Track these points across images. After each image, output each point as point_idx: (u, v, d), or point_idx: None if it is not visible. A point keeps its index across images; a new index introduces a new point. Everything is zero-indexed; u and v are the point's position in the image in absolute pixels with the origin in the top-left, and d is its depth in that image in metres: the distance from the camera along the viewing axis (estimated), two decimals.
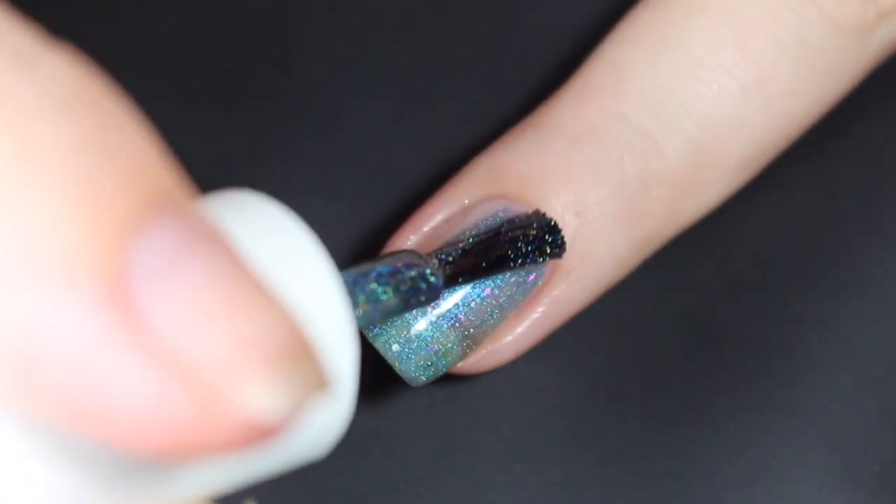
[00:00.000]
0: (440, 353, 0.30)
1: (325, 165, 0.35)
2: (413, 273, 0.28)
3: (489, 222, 0.31)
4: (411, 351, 0.30)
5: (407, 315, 0.30)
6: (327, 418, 0.21)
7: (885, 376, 0.33)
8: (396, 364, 0.30)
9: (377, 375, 0.33)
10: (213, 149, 0.35)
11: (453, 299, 0.30)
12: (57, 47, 0.19)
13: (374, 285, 0.27)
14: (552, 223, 0.30)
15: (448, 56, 0.36)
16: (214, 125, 0.35)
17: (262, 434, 0.18)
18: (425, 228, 0.31)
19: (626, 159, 0.31)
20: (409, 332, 0.30)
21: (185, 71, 0.35)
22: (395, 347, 0.30)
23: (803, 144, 0.34)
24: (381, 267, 0.27)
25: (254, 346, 0.18)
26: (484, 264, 0.30)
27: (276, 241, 0.23)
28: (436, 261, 0.29)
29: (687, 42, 0.31)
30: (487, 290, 0.30)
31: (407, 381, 0.30)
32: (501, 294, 0.30)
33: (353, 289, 0.26)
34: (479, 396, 0.33)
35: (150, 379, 0.18)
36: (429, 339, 0.30)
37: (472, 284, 0.30)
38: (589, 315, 0.33)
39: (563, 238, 0.30)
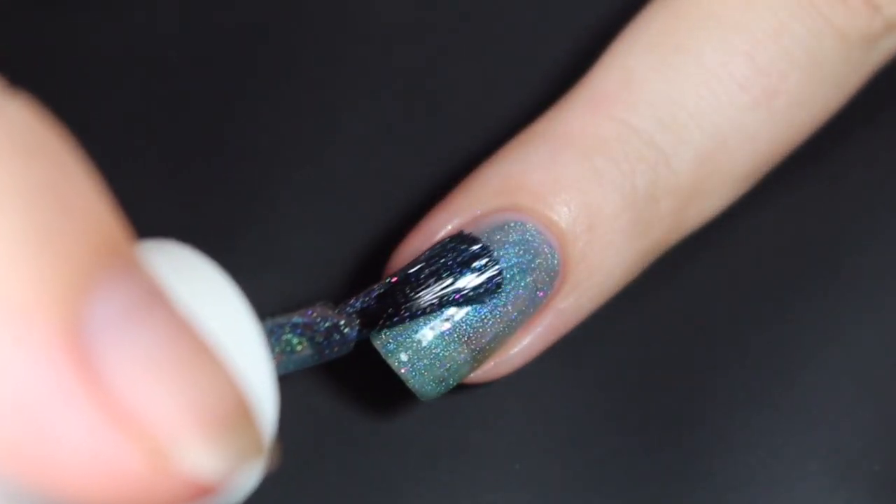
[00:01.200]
0: (452, 370, 0.30)
1: (328, 170, 0.35)
2: (327, 324, 0.28)
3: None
4: (423, 368, 0.30)
5: (418, 332, 0.30)
6: (249, 471, 0.22)
7: (885, 377, 0.33)
8: (409, 381, 0.30)
9: (378, 376, 0.33)
10: (213, 150, 0.35)
11: (465, 316, 0.30)
12: (17, 95, 0.19)
13: (289, 336, 0.28)
14: (478, 245, 0.30)
15: (452, 58, 0.36)
16: (215, 127, 0.35)
17: (202, 493, 0.19)
18: (435, 238, 0.31)
19: (636, 171, 0.31)
20: (421, 349, 0.30)
21: (185, 72, 0.35)
22: (408, 365, 0.30)
23: (804, 145, 0.34)
24: (296, 318, 0.28)
25: (201, 410, 0.19)
26: (404, 309, 0.30)
27: (201, 293, 0.23)
28: (350, 310, 0.29)
29: (698, 53, 0.31)
30: (500, 307, 0.30)
31: (419, 396, 0.30)
32: (513, 310, 0.30)
33: (269, 339, 0.27)
34: (479, 397, 0.33)
35: (100, 432, 0.18)
36: (441, 356, 0.30)
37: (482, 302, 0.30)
38: (589, 316, 0.33)
39: (491, 258, 0.30)
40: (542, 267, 0.30)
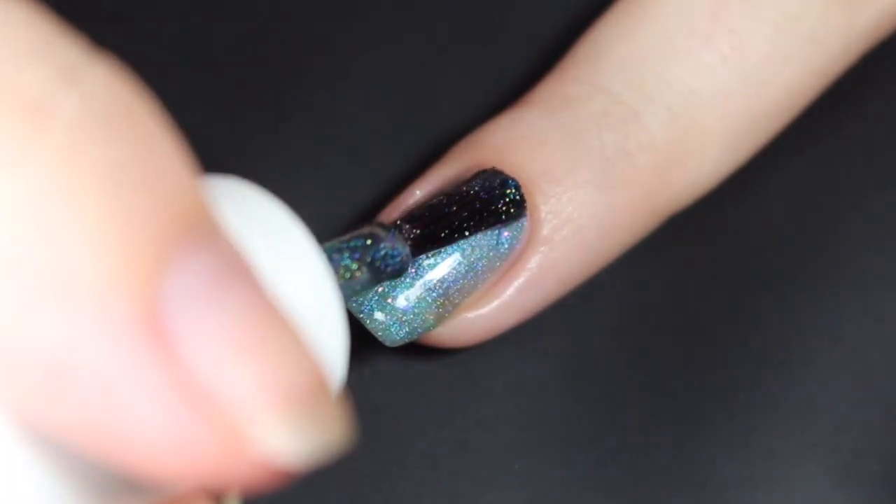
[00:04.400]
0: (416, 312, 0.30)
1: (327, 170, 0.35)
2: (383, 246, 0.28)
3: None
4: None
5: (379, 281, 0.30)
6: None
7: (885, 376, 0.33)
8: (368, 322, 0.30)
9: (378, 375, 0.33)
10: (212, 150, 0.35)
11: (425, 259, 0.30)
12: (101, 60, 0.19)
13: (347, 261, 0.27)
14: (504, 178, 0.30)
15: (446, 55, 0.36)
16: (214, 124, 0.35)
17: (276, 475, 0.19)
18: (407, 205, 0.31)
19: (602, 126, 0.31)
20: (381, 293, 0.30)
21: (184, 70, 0.35)
22: (373, 312, 0.30)
23: (802, 142, 0.34)
24: (351, 241, 0.27)
25: (278, 389, 0.19)
26: (444, 232, 0.30)
27: (267, 232, 0.23)
28: (400, 231, 0.29)
29: (662, 16, 0.32)
30: (459, 250, 0.30)
31: (382, 340, 0.30)
32: (473, 254, 0.30)
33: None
34: (479, 396, 0.33)
35: (174, 409, 0.18)
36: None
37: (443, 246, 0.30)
38: (589, 314, 0.33)
39: (517, 188, 0.30)
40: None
